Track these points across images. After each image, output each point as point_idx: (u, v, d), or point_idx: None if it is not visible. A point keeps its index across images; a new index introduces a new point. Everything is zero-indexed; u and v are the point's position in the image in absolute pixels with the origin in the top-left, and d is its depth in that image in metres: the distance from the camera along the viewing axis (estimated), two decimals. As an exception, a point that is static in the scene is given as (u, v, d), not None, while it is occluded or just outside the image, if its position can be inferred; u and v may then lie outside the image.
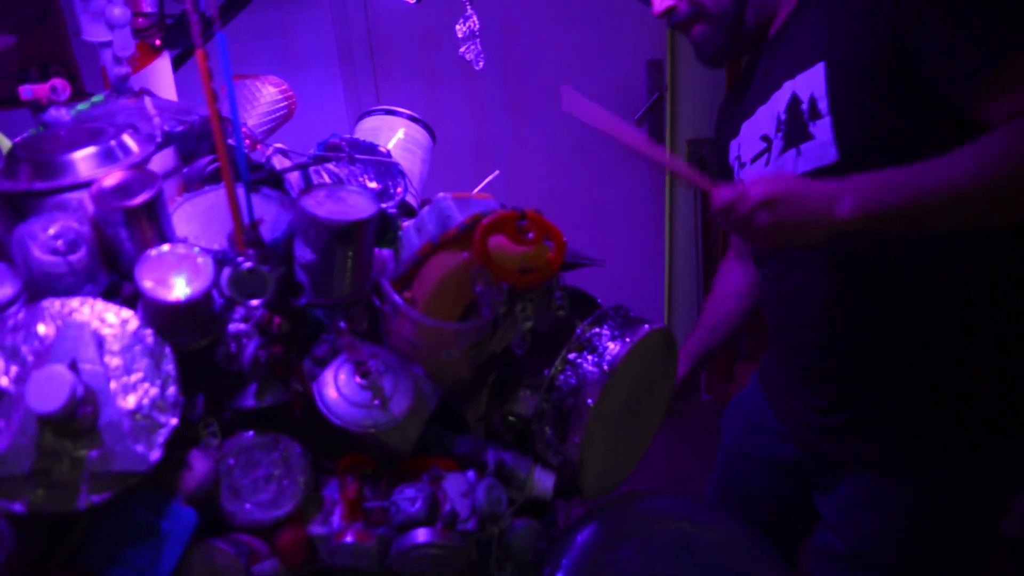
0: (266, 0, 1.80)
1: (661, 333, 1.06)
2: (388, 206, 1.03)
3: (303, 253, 0.88)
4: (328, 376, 0.89)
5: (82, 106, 0.98)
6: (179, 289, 0.76)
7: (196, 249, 0.80)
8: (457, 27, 1.28)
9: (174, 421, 0.76)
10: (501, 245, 0.84)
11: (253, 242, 0.79)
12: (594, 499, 1.06)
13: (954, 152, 0.87)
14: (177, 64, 1.36)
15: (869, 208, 0.88)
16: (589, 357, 1.00)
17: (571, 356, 1.00)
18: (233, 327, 0.84)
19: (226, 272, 0.77)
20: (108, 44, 0.96)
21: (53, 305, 0.74)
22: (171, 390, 0.77)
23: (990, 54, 0.89)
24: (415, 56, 2.53)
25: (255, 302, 0.77)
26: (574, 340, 1.01)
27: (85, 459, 0.71)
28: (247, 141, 1.15)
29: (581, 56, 2.56)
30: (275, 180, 0.96)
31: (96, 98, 1.01)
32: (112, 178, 0.78)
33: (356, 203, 0.89)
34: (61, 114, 0.92)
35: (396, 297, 0.90)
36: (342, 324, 0.90)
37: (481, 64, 1.29)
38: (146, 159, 0.86)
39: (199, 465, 0.80)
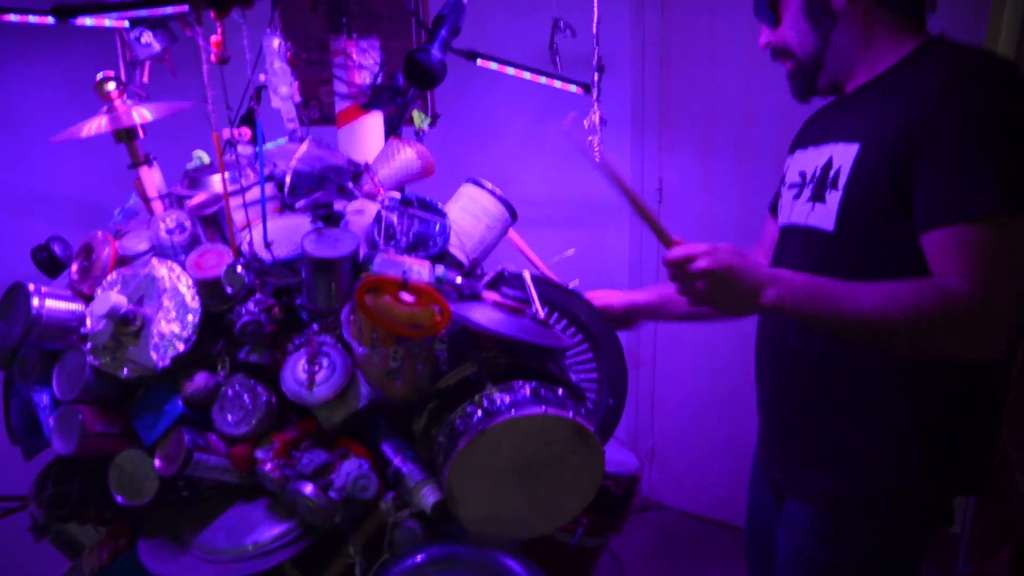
0: (576, 61, 2.19)
1: (562, 422, 1.19)
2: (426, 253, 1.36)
3: (302, 272, 1.28)
4: (293, 358, 1.28)
5: (269, 144, 1.53)
6: (205, 272, 1.24)
7: (230, 251, 1.26)
8: (584, 120, 1.46)
9: (182, 348, 1.24)
10: (386, 303, 1.12)
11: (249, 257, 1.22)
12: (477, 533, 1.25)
13: (879, 284, 1.02)
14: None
15: (787, 305, 1.05)
16: (479, 413, 1.20)
17: (469, 408, 1.21)
18: (249, 306, 1.29)
19: (226, 267, 1.21)
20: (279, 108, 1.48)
21: (152, 261, 1.28)
22: (187, 332, 1.24)
23: (953, 209, 0.99)
24: (698, 131, 2.67)
25: (229, 290, 1.20)
26: (477, 396, 1.21)
27: (127, 350, 1.23)
28: (377, 190, 1.58)
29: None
30: (332, 218, 1.37)
31: (280, 140, 1.54)
32: (199, 198, 1.28)
33: (341, 245, 1.26)
34: (246, 150, 1.47)
35: (344, 313, 1.24)
36: (315, 326, 1.28)
37: (598, 157, 1.43)
38: (249, 187, 1.35)
39: (198, 379, 1.27)
